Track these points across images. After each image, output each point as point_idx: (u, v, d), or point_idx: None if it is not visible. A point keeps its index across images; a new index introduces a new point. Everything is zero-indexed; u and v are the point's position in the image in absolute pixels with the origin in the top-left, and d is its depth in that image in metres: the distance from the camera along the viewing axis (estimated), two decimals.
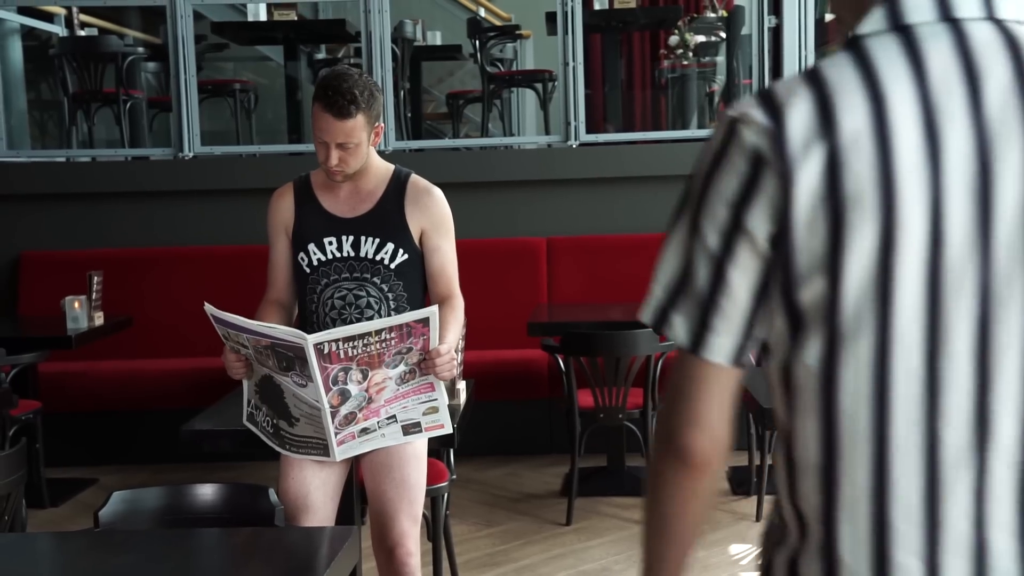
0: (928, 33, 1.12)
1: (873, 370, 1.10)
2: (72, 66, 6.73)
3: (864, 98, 1.09)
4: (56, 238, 6.09)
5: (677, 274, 1.17)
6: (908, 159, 1.08)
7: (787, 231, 1.10)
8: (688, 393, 1.19)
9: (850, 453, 1.12)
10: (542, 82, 7.24)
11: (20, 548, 2.21)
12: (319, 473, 2.81)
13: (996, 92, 1.09)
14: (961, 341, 1.09)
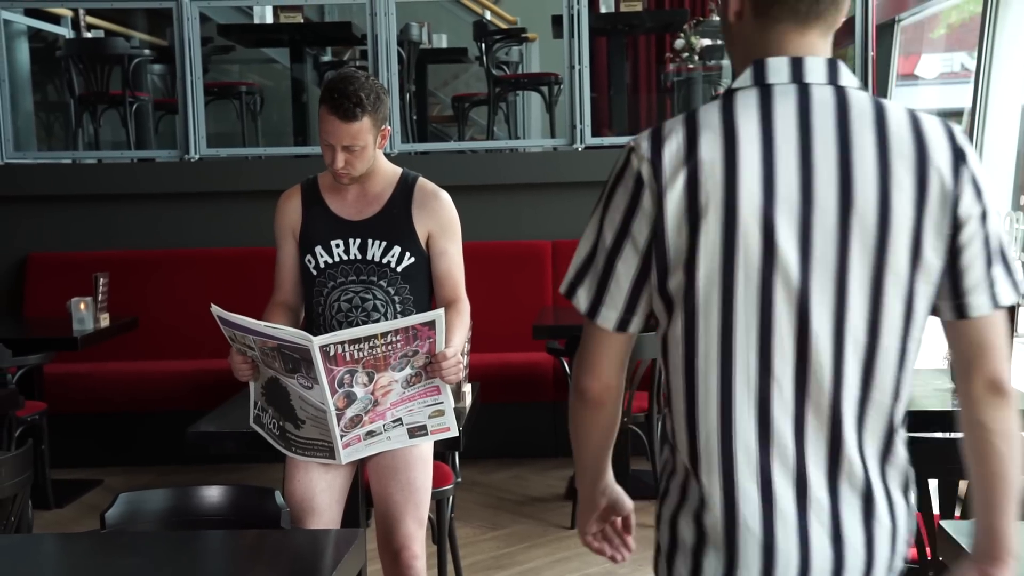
0: (781, 92, 1.47)
1: (720, 341, 1.46)
2: (78, 68, 6.74)
3: (721, 135, 1.44)
4: (62, 239, 6.09)
5: (585, 259, 1.55)
6: (748, 184, 1.43)
7: (661, 236, 1.46)
8: (589, 350, 1.58)
9: (704, 403, 1.48)
10: (548, 85, 7.23)
11: (26, 549, 2.21)
12: (325, 475, 2.81)
13: (823, 140, 1.44)
14: (785, 320, 1.45)
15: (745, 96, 1.48)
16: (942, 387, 3.24)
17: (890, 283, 1.46)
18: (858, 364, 1.47)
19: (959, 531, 1.90)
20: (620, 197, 1.50)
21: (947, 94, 7.85)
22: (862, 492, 1.48)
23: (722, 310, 1.46)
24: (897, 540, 1.51)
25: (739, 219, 1.43)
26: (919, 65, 7.55)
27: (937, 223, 1.45)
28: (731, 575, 1.48)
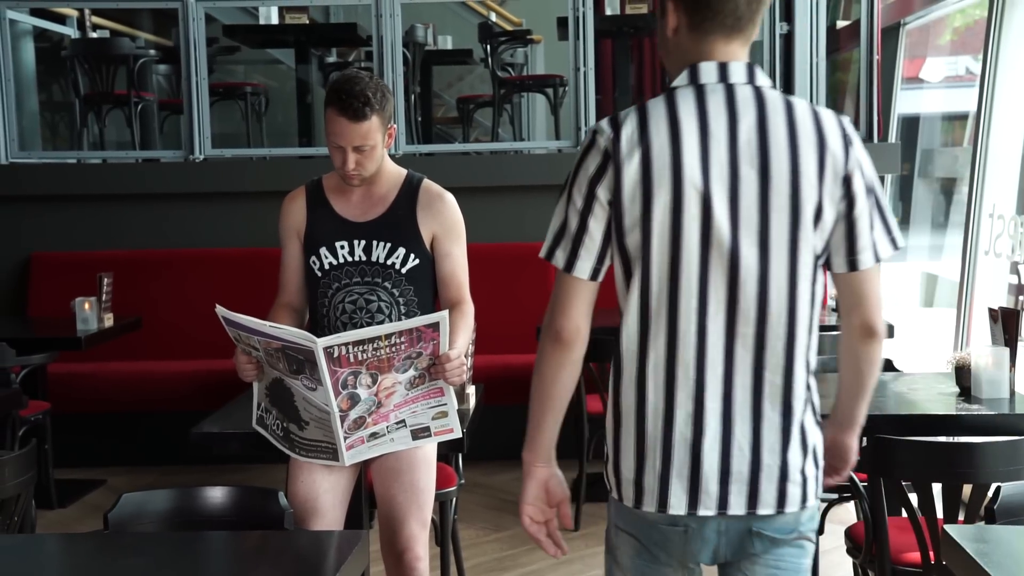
0: (711, 89, 1.86)
1: (668, 287, 1.83)
2: (84, 68, 6.74)
3: (667, 123, 1.84)
4: (66, 239, 6.10)
5: (560, 226, 1.90)
6: (689, 165, 1.81)
7: (619, 200, 1.84)
8: (563, 298, 1.92)
9: (654, 335, 1.85)
10: (553, 87, 7.23)
11: (29, 549, 2.21)
12: (328, 477, 2.81)
13: (746, 129, 1.83)
14: (719, 270, 1.82)
15: (684, 93, 1.87)
16: (946, 391, 3.23)
17: (801, 239, 1.83)
18: (782, 304, 1.84)
19: (963, 535, 1.90)
20: (589, 167, 1.88)
21: (952, 98, 7.84)
22: (781, 410, 1.85)
23: (671, 263, 1.83)
24: (808, 460, 1.88)
25: (683, 191, 1.81)
26: (924, 68, 7.55)
27: (832, 193, 1.84)
28: (665, 473, 1.86)
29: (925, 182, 7.92)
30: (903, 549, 2.82)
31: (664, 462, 1.85)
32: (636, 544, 1.93)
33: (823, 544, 3.60)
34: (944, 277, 7.57)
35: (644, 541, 1.91)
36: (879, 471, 2.73)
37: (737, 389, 1.84)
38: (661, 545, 1.90)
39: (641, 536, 1.91)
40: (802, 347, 1.86)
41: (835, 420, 2.08)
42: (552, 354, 1.92)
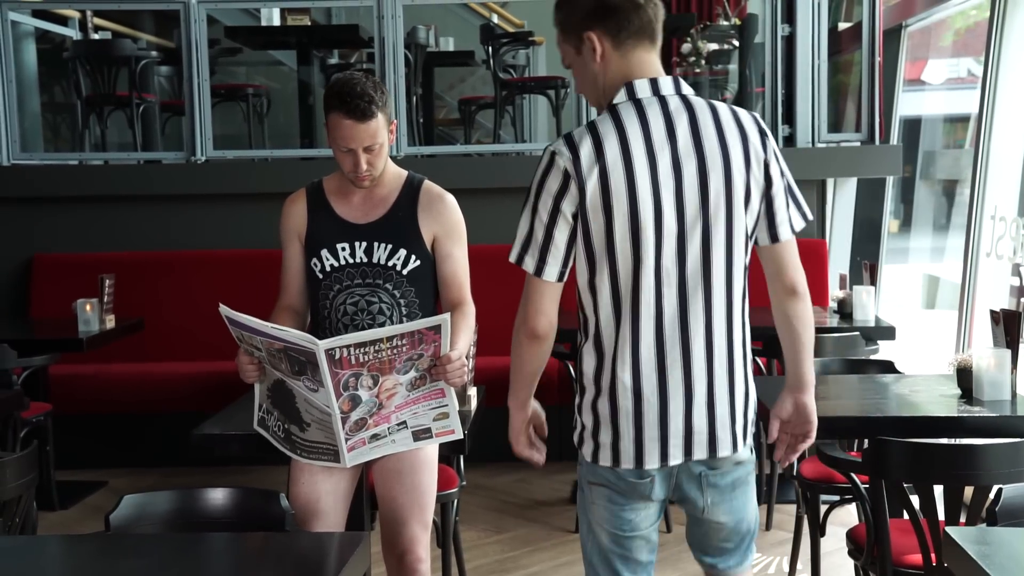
0: (648, 102, 2.17)
1: (632, 279, 2.16)
2: (85, 69, 6.75)
3: (616, 139, 2.13)
4: (68, 241, 6.10)
5: (526, 236, 2.24)
6: (640, 172, 2.13)
7: (583, 212, 2.15)
8: (536, 299, 2.26)
9: (624, 322, 2.17)
10: (554, 89, 7.23)
11: (31, 551, 2.21)
12: (329, 478, 2.81)
13: (682, 133, 2.15)
14: (671, 258, 2.15)
15: (625, 108, 2.17)
16: (948, 393, 3.23)
17: (735, 220, 2.17)
18: (722, 277, 2.18)
19: (964, 537, 1.90)
20: (551, 186, 2.18)
21: (954, 99, 7.83)
22: (727, 369, 2.21)
23: (633, 259, 2.15)
24: (748, 405, 2.26)
25: (638, 198, 2.13)
26: (926, 70, 7.54)
27: (757, 179, 2.19)
28: (639, 437, 2.19)
29: (927, 184, 7.91)
30: (905, 551, 2.82)
31: (637, 429, 2.19)
32: (608, 492, 2.26)
33: (825, 546, 3.60)
34: (946, 279, 7.57)
35: (616, 489, 2.25)
36: (881, 473, 2.73)
37: (694, 357, 2.18)
38: (631, 491, 2.24)
39: (613, 486, 2.25)
40: (739, 312, 2.23)
41: (789, 385, 2.34)
42: (529, 348, 2.29)
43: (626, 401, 2.18)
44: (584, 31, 2.22)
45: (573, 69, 2.31)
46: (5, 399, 3.87)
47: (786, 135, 6.05)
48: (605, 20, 2.19)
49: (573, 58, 2.26)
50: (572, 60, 2.26)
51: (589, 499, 2.29)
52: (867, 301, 4.87)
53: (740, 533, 2.34)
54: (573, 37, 2.26)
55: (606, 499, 2.26)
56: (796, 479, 3.67)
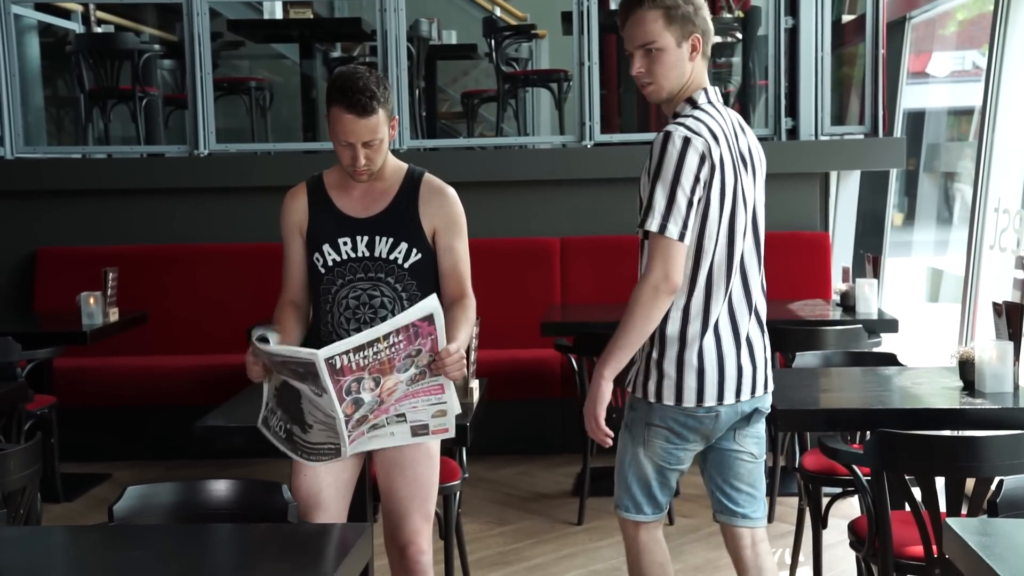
0: (719, 108, 2.69)
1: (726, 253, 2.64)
2: (89, 63, 6.75)
3: (721, 135, 2.64)
4: (72, 234, 6.11)
5: (666, 205, 2.56)
6: (734, 167, 2.65)
7: (709, 192, 2.59)
8: (677, 260, 2.58)
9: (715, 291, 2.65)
10: (557, 82, 7.23)
11: (35, 542, 2.22)
12: (331, 470, 2.81)
13: (742, 138, 2.71)
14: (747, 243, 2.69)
15: (710, 109, 2.66)
16: (950, 385, 3.23)
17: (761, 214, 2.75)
18: (759, 258, 2.73)
19: (965, 529, 1.90)
20: (691, 164, 2.56)
21: (958, 92, 7.81)
22: (760, 329, 2.73)
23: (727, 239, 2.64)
24: (768, 358, 2.78)
25: (737, 190, 2.65)
26: (930, 63, 7.52)
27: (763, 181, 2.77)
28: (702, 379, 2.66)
29: (930, 177, 7.90)
30: (906, 543, 2.82)
31: (699, 373, 2.65)
32: (667, 433, 2.71)
33: (826, 538, 3.60)
34: (949, 272, 7.56)
35: (677, 429, 2.70)
36: (882, 465, 2.73)
37: (752, 320, 2.71)
38: (693, 428, 2.70)
39: (675, 426, 2.70)
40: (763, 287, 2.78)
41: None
42: (664, 303, 2.59)
43: (711, 353, 2.65)
44: (694, 32, 2.65)
45: (661, 54, 2.63)
46: (10, 392, 3.87)
47: (789, 128, 6.04)
48: (705, 33, 2.68)
49: (669, 45, 2.62)
50: (666, 46, 2.61)
51: (644, 437, 2.74)
52: (870, 294, 4.87)
53: (760, 472, 2.83)
54: (680, 30, 2.63)
55: (664, 439, 2.73)
56: (798, 471, 3.67)
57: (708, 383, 2.66)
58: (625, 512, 2.83)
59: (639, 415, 2.74)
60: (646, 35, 2.63)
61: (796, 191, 5.94)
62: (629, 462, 2.78)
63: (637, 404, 2.75)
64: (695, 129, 2.58)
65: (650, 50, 2.63)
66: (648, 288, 2.58)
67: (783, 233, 5.86)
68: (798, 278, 5.65)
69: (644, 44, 2.64)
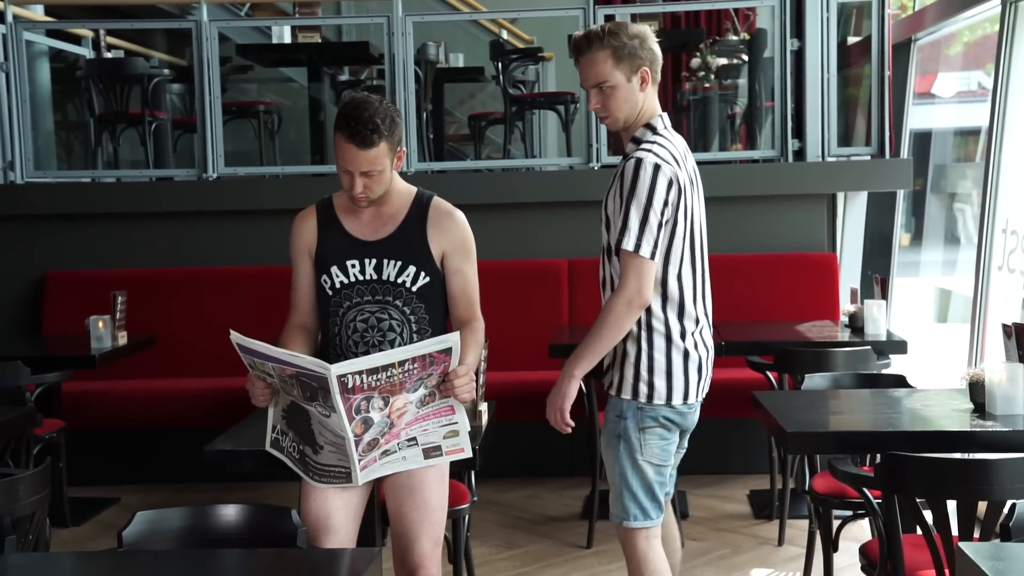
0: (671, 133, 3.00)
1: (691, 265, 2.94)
2: (98, 87, 6.79)
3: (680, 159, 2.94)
4: (81, 258, 6.13)
5: (639, 226, 2.81)
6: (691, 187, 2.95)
7: (676, 211, 2.87)
8: (648, 276, 2.84)
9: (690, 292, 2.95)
10: (564, 104, 7.25)
11: (44, 568, 2.22)
12: (341, 494, 2.81)
13: (690, 160, 3.01)
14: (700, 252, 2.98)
15: (667, 135, 2.97)
16: (960, 407, 3.22)
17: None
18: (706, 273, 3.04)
19: (978, 553, 1.89)
20: (661, 187, 2.83)
21: (964, 113, 7.82)
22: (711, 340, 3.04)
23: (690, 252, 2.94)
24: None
25: (695, 208, 2.96)
26: (936, 83, 7.54)
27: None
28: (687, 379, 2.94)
29: (938, 197, 7.90)
30: (918, 566, 2.81)
31: (699, 372, 2.96)
32: (660, 430, 2.94)
33: (837, 561, 3.59)
34: (958, 292, 7.54)
35: (669, 426, 2.95)
36: (893, 488, 2.72)
37: (708, 327, 3.03)
38: (678, 424, 2.96)
39: (667, 423, 2.94)
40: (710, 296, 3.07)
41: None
42: (635, 315, 2.85)
43: (696, 352, 2.94)
44: (642, 64, 2.90)
45: (614, 90, 2.90)
46: (18, 416, 3.88)
47: (796, 149, 6.05)
48: (653, 63, 2.92)
49: (620, 82, 2.89)
50: (618, 83, 2.89)
51: (641, 441, 2.93)
52: (878, 315, 4.86)
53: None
54: (629, 66, 2.90)
55: (658, 436, 2.94)
56: (808, 494, 3.66)
57: (691, 382, 2.94)
58: (633, 521, 2.96)
59: (631, 422, 2.94)
60: (598, 75, 2.91)
61: (803, 212, 5.94)
62: (631, 471, 2.94)
63: (626, 410, 2.94)
64: (663, 156, 2.84)
65: (603, 88, 2.90)
66: (622, 302, 2.83)
67: (790, 255, 5.86)
68: (806, 299, 5.65)
69: (597, 83, 2.91)
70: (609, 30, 2.92)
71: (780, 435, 3.06)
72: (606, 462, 3.02)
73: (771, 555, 4.43)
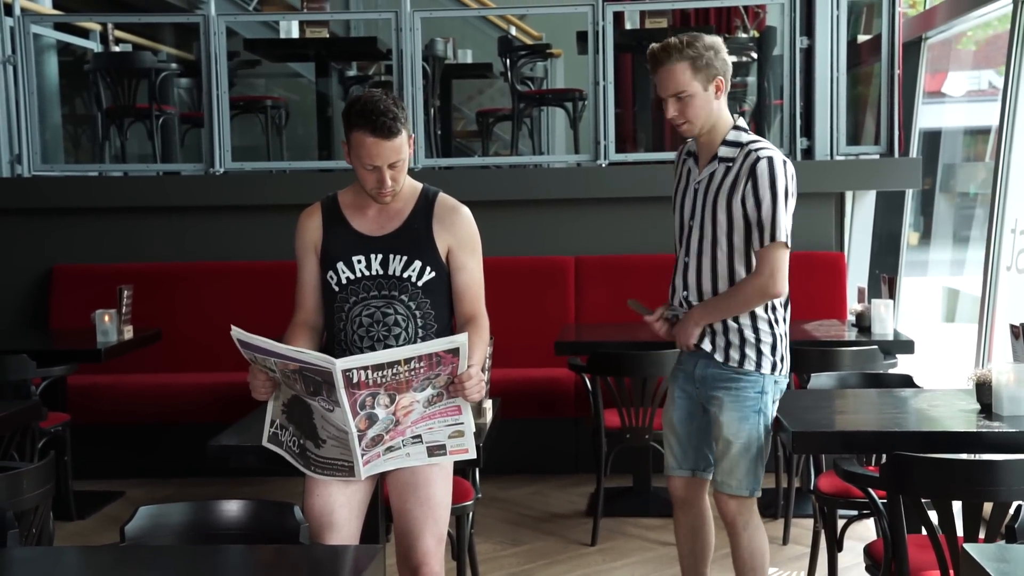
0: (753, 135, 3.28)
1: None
2: (106, 81, 6.79)
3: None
4: (88, 252, 6.14)
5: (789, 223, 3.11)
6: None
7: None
8: (786, 267, 3.11)
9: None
10: (572, 101, 7.23)
11: (47, 563, 2.22)
12: (344, 491, 2.80)
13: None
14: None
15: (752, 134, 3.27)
16: (967, 408, 3.21)
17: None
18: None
19: (983, 554, 1.88)
20: (792, 181, 3.12)
21: (974, 112, 7.79)
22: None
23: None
24: None
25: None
26: (946, 83, 7.50)
27: None
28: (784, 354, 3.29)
29: (947, 197, 7.87)
30: (922, 567, 2.79)
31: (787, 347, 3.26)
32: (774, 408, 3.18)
33: (842, 561, 3.57)
34: (966, 292, 7.51)
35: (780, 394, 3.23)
36: (898, 488, 2.71)
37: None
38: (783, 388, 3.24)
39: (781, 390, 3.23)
40: None
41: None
42: (762, 300, 3.13)
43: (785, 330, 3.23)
44: (717, 74, 3.12)
45: (692, 99, 3.10)
46: (23, 409, 3.88)
47: (804, 148, 6.03)
48: (726, 73, 3.15)
49: (698, 91, 3.09)
50: (695, 92, 3.08)
51: (770, 415, 3.18)
52: (886, 314, 4.84)
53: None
54: (705, 76, 3.10)
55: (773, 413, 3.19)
56: (813, 493, 3.65)
57: (788, 353, 3.25)
58: (757, 492, 3.24)
59: (769, 396, 3.18)
60: (676, 85, 3.10)
61: (811, 211, 5.92)
62: (766, 443, 3.20)
63: (764, 383, 3.17)
64: (782, 154, 3.11)
65: (681, 97, 3.09)
66: (761, 291, 3.10)
67: (798, 253, 5.77)
68: (813, 298, 5.63)
69: (676, 92, 3.10)
70: (687, 42, 3.10)
71: (786, 434, 3.05)
72: (732, 435, 3.18)
73: (775, 554, 4.42)
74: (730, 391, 3.17)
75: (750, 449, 3.17)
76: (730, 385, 3.17)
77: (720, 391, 3.18)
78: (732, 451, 3.18)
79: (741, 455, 3.17)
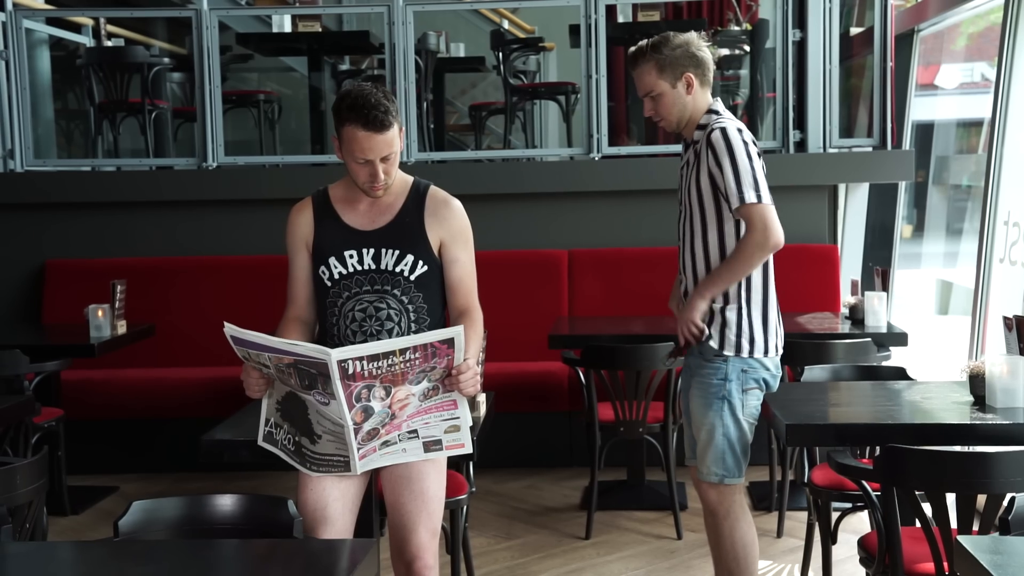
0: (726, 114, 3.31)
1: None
2: (98, 76, 6.77)
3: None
4: (81, 246, 6.12)
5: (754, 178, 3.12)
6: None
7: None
8: (775, 219, 3.13)
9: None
10: (565, 94, 7.23)
11: (41, 558, 2.21)
12: (338, 485, 2.80)
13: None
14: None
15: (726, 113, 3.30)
16: (960, 400, 3.21)
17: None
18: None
19: (977, 546, 1.88)
20: (751, 145, 3.16)
21: (967, 104, 7.80)
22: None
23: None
24: None
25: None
26: (939, 75, 7.51)
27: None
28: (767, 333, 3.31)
29: (939, 189, 7.88)
30: (916, 559, 2.80)
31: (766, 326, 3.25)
32: (757, 391, 3.23)
33: (836, 554, 3.58)
34: (959, 284, 7.53)
35: (767, 381, 3.25)
36: (892, 481, 2.71)
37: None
38: (773, 381, 3.26)
39: (766, 379, 3.24)
40: None
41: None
42: (763, 256, 3.15)
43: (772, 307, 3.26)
44: (685, 71, 3.21)
45: (661, 97, 3.22)
46: (17, 405, 3.87)
47: (797, 140, 6.03)
48: (698, 67, 3.22)
49: (666, 89, 3.21)
50: (663, 91, 3.21)
51: (743, 402, 3.21)
52: (879, 307, 4.85)
53: None
54: (672, 74, 3.21)
55: (756, 398, 3.23)
56: (807, 486, 3.65)
57: (770, 334, 3.23)
58: (729, 479, 3.24)
59: (733, 383, 3.20)
60: (645, 86, 3.26)
61: (804, 204, 5.93)
62: (732, 428, 3.22)
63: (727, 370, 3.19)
64: (736, 124, 3.18)
65: (653, 96, 3.24)
66: (758, 247, 3.11)
67: (791, 246, 5.76)
68: (806, 291, 5.63)
69: (647, 93, 3.26)
70: (652, 44, 3.24)
71: (779, 427, 3.05)
72: (699, 422, 3.26)
73: (770, 547, 4.43)
74: (696, 378, 3.28)
75: (714, 436, 3.23)
76: (696, 372, 3.28)
77: (693, 378, 3.30)
78: (701, 437, 3.27)
79: (707, 442, 3.24)
